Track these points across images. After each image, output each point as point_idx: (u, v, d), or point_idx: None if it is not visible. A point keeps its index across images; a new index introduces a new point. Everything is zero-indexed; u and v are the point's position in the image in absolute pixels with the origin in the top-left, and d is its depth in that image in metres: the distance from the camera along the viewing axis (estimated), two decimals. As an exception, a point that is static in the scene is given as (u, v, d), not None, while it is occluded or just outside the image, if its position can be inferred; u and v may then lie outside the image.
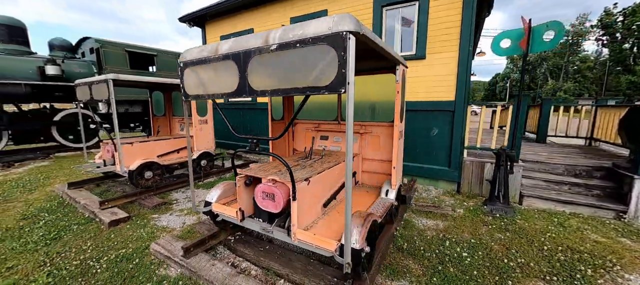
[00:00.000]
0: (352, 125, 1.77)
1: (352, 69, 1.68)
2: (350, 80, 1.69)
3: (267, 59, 1.99)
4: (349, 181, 1.82)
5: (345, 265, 1.88)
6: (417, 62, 5.02)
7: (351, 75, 1.69)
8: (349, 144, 1.77)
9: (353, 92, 1.72)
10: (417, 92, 5.08)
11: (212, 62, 2.34)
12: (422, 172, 5.20)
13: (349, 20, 1.67)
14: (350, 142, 1.77)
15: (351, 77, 1.69)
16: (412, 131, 5.24)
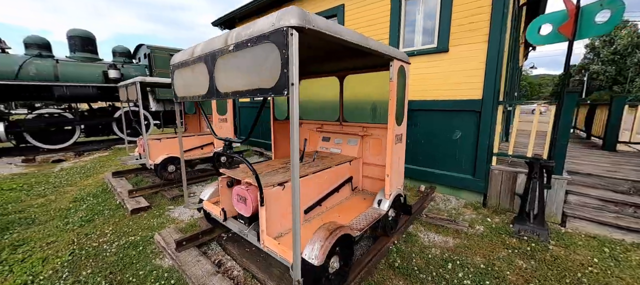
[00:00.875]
0: (297, 131, 1.60)
1: (296, 68, 1.52)
2: (294, 81, 1.53)
3: (228, 60, 1.93)
4: (296, 185, 1.65)
5: (295, 283, 1.73)
6: (438, 56, 4.47)
7: (294, 75, 1.52)
8: (294, 147, 1.61)
9: (297, 95, 1.55)
10: (438, 89, 4.53)
11: (190, 65, 2.39)
12: (443, 179, 4.64)
13: (291, 14, 1.50)
14: (295, 148, 1.61)
15: (294, 78, 1.52)
16: (431, 133, 4.71)
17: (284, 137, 4.28)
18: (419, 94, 4.74)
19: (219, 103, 6.13)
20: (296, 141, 1.60)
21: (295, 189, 1.62)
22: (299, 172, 1.64)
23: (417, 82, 4.74)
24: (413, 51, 4.73)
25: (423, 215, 3.88)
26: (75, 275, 2.77)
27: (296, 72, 1.52)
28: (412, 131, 4.93)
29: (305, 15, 1.56)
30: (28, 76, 8.45)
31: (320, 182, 2.87)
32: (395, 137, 2.84)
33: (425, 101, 4.67)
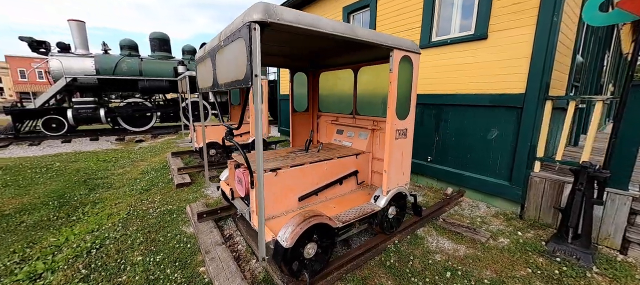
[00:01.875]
0: (261, 124, 1.72)
1: (258, 60, 1.63)
2: (257, 72, 1.65)
3: (222, 55, 2.16)
4: (260, 169, 1.78)
5: (260, 260, 1.88)
6: (474, 44, 3.96)
7: (257, 67, 1.64)
8: (258, 137, 1.73)
9: (260, 86, 1.66)
10: (473, 82, 4.03)
11: (204, 60, 2.72)
12: (473, 183, 4.15)
13: (255, 9, 1.61)
14: (259, 136, 1.73)
15: (257, 69, 1.64)
16: (462, 131, 4.24)
17: (302, 127, 4.45)
18: (451, 87, 4.29)
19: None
20: (260, 131, 1.73)
21: (260, 176, 1.76)
22: (262, 158, 1.77)
23: (449, 74, 4.30)
24: (446, 40, 4.29)
25: (440, 219, 3.58)
26: (125, 229, 3.49)
27: (258, 64, 1.63)
28: (442, 128, 4.51)
29: (270, 9, 1.64)
30: (121, 72, 10.57)
31: (319, 173, 2.94)
32: (397, 131, 2.69)
33: (457, 95, 4.21)
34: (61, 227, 3.64)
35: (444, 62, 4.35)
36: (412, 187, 4.91)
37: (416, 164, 4.96)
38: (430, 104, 4.64)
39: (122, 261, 2.84)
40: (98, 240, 3.22)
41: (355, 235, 3.19)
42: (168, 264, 2.78)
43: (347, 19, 6.22)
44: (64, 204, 4.38)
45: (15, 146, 8.50)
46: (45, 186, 5.13)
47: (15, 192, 4.77)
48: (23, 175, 5.75)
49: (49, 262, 2.84)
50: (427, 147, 4.77)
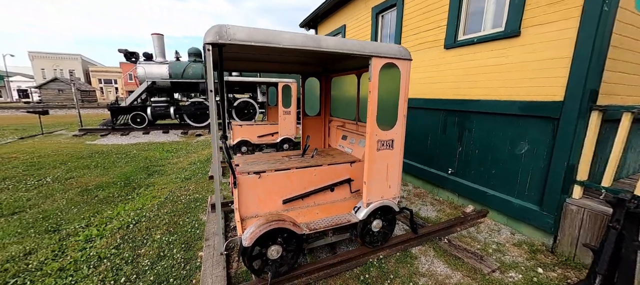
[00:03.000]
0: (216, 133, 1.92)
1: (211, 77, 1.83)
2: (211, 88, 1.85)
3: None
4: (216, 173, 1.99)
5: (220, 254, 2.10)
6: (505, 42, 3.40)
7: (210, 83, 1.84)
8: (214, 142, 1.94)
9: (213, 100, 1.86)
10: (501, 87, 3.47)
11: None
12: (497, 203, 3.59)
13: (209, 32, 1.81)
14: (215, 143, 1.94)
15: (211, 85, 1.84)
16: (487, 143, 3.70)
17: (313, 131, 4.56)
18: (477, 92, 3.78)
19: (285, 96, 7.02)
20: (216, 138, 1.93)
21: (216, 175, 1.97)
22: (218, 162, 1.97)
23: (475, 77, 3.79)
24: (472, 39, 3.79)
25: (444, 239, 3.24)
26: (158, 210, 4.20)
27: (211, 80, 1.83)
28: (466, 138, 4.02)
29: (221, 31, 1.82)
30: (188, 75, 12.41)
31: (306, 178, 3.01)
32: (379, 142, 2.57)
33: (483, 101, 3.69)
34: (119, 203, 4.60)
35: (470, 63, 3.86)
36: (430, 200, 4.51)
37: (436, 176, 4.54)
38: (453, 111, 4.17)
39: (146, 237, 3.47)
40: (137, 217, 3.98)
41: (344, 244, 3.16)
42: (177, 245, 3.28)
43: (375, 19, 6.02)
44: (127, 184, 5.49)
45: (112, 136, 10.91)
46: (120, 169, 6.49)
47: (99, 172, 6.19)
48: (109, 159, 7.39)
49: (101, 229, 3.66)
50: (449, 157, 4.31)
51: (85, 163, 6.85)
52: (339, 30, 7.74)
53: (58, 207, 4.32)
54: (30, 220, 3.88)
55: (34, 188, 5.12)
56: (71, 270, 2.81)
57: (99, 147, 8.84)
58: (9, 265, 2.88)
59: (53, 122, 14.91)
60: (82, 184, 5.40)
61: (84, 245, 3.29)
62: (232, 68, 3.67)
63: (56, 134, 11.24)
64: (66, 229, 3.69)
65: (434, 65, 4.49)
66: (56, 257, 3.06)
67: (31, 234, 3.52)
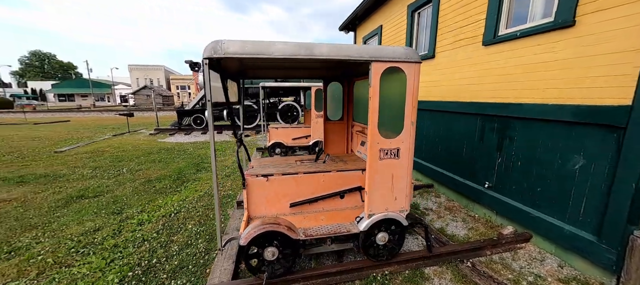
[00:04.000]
0: (213, 138, 2.10)
1: (208, 90, 2.02)
2: (209, 98, 2.04)
3: (221, 79, 2.70)
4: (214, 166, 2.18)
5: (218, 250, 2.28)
6: (555, 35, 2.83)
7: (208, 95, 2.03)
8: (212, 151, 2.13)
9: (210, 111, 2.05)
10: (549, 87, 2.90)
11: (230, 80, 3.39)
12: (543, 227, 2.99)
13: (206, 48, 2.00)
14: (213, 152, 2.12)
15: (209, 97, 2.04)
16: (531, 153, 3.13)
17: (335, 136, 4.54)
18: (519, 94, 3.24)
19: (318, 100, 7.13)
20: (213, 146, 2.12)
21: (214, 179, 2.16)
22: (216, 166, 2.15)
23: (518, 77, 3.25)
24: (515, 33, 3.26)
25: (467, 262, 2.86)
26: (196, 203, 4.76)
27: (209, 93, 2.02)
28: (506, 147, 3.47)
29: (216, 46, 1.98)
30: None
31: (314, 183, 3.03)
32: (382, 151, 2.43)
33: (527, 105, 3.13)
34: (169, 194, 5.36)
35: (512, 61, 3.32)
36: (462, 216, 4.02)
37: (471, 189, 4.03)
38: (492, 116, 3.65)
39: (180, 226, 3.97)
40: (179, 208, 4.58)
41: (352, 254, 3.08)
42: (203, 236, 3.67)
43: (411, 17, 5.67)
44: (179, 178, 6.34)
45: (177, 135, 12.71)
46: (177, 164, 7.54)
47: (161, 166, 7.30)
48: (171, 155, 8.63)
49: (150, 216, 4.33)
50: (487, 169, 3.78)
51: (152, 158, 8.15)
52: (376, 32, 7.51)
53: (125, 194, 5.26)
54: (104, 203, 4.83)
55: (113, 177, 6.33)
56: (121, 247, 3.41)
57: (166, 144, 10.40)
58: (82, 237, 3.65)
59: (138, 122, 18.14)
60: (146, 175, 6.45)
61: (135, 228, 3.94)
62: (254, 76, 3.93)
63: (138, 132, 13.65)
64: (126, 212, 4.47)
65: (471, 65, 4.00)
66: (114, 235, 3.74)
67: (102, 214, 4.38)
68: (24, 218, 4.23)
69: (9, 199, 4.98)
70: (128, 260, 3.13)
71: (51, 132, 13.58)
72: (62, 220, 4.15)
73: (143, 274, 2.90)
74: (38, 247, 3.42)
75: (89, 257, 3.21)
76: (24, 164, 7.42)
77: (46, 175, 6.36)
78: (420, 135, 5.55)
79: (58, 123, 17.81)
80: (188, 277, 2.82)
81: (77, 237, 3.67)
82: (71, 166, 7.16)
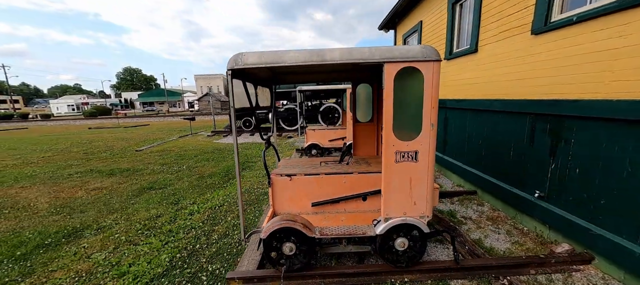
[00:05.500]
0: (236, 142, 2.35)
1: (232, 98, 2.28)
2: (232, 104, 2.31)
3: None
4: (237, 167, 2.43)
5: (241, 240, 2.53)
6: (622, 16, 2.33)
7: (231, 100, 2.29)
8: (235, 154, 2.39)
9: (234, 119, 2.31)
10: (610, 81, 2.40)
11: (261, 86, 3.69)
12: (606, 247, 2.48)
13: (229, 60, 2.25)
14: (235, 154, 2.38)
15: (232, 102, 2.30)
16: (593, 160, 2.63)
17: (365, 138, 4.52)
18: (574, 89, 2.75)
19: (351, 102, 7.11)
20: (236, 147, 2.37)
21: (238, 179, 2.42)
22: (238, 168, 2.40)
23: (576, 69, 2.77)
24: (570, 17, 2.79)
25: (503, 280, 2.56)
26: (229, 203, 5.25)
27: (232, 100, 2.28)
28: (561, 152, 2.98)
29: (237, 59, 2.22)
30: (282, 86, 14.41)
31: (335, 184, 3.09)
32: (398, 153, 2.36)
33: (584, 101, 2.65)
34: (216, 189, 6.02)
35: (567, 51, 2.85)
36: (507, 228, 3.57)
37: (518, 198, 3.56)
38: (544, 115, 3.18)
39: (222, 218, 4.45)
40: (222, 202, 5.13)
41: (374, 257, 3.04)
42: (239, 229, 4.06)
43: (452, 10, 5.26)
44: (226, 175, 7.06)
45: (229, 137, 14.08)
46: (226, 163, 8.38)
47: (213, 164, 8.21)
48: (222, 154, 9.63)
49: (199, 208, 4.96)
50: (537, 176, 3.30)
51: (207, 157, 9.22)
52: (416, 28, 7.15)
53: (182, 187, 6.10)
54: (166, 194, 5.70)
55: (175, 172, 7.39)
56: (174, 233, 4.01)
57: (219, 144, 11.63)
58: (147, 222, 4.39)
59: (199, 125, 20.61)
60: (201, 172, 7.35)
61: (187, 217, 4.57)
62: (285, 82, 4.18)
63: (199, 134, 15.54)
64: (182, 203, 5.20)
65: (518, 57, 3.54)
66: (170, 222, 4.41)
67: (164, 204, 5.18)
68: (109, 203, 5.28)
69: (101, 187, 6.26)
70: (177, 244, 3.66)
71: (135, 134, 16.43)
72: (135, 207, 5.06)
73: (188, 256, 3.37)
74: (116, 227, 4.24)
75: (150, 238, 3.85)
76: (114, 160, 9.18)
77: (128, 169, 7.77)
78: (462, 138, 5.10)
79: (141, 126, 21.42)
80: (222, 263, 3.17)
81: (144, 221, 4.43)
82: (146, 162, 8.59)
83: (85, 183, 6.59)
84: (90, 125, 23.52)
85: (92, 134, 17.17)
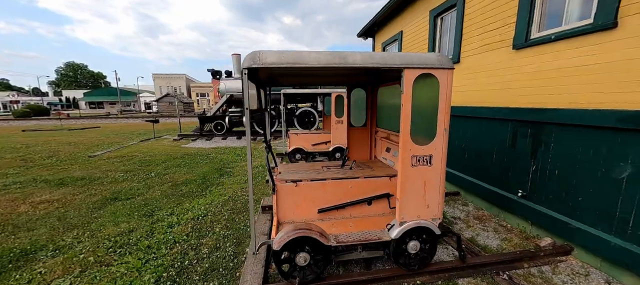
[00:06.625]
0: (250, 146, 2.17)
1: (246, 99, 2.10)
2: (247, 106, 2.13)
3: (253, 87, 2.80)
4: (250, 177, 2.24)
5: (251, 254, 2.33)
6: (595, 37, 2.70)
7: (246, 102, 2.11)
8: (249, 160, 2.20)
9: (248, 120, 2.13)
10: (585, 93, 2.76)
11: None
12: (585, 239, 2.81)
13: (246, 58, 2.09)
14: (249, 160, 2.20)
15: (247, 104, 2.12)
16: (570, 161, 2.98)
17: (358, 142, 4.55)
18: (556, 99, 3.10)
19: (338, 106, 7.17)
20: (249, 153, 2.19)
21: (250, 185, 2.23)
22: (251, 172, 2.22)
23: (553, 82, 3.12)
24: (549, 36, 3.15)
25: (504, 275, 2.74)
26: (221, 208, 4.89)
27: (247, 101, 2.10)
28: (541, 154, 3.32)
29: (255, 57, 2.07)
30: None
31: (341, 190, 3.04)
32: (414, 158, 2.41)
33: (564, 111, 3.00)
34: (195, 198, 5.54)
35: (546, 65, 3.21)
36: (493, 226, 3.86)
37: (502, 197, 3.88)
38: (525, 121, 3.52)
39: (209, 229, 4.09)
40: (205, 211, 4.72)
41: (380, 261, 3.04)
42: (230, 239, 3.76)
43: (433, 22, 5.61)
44: (204, 182, 6.55)
45: (199, 140, 13.17)
46: (201, 168, 7.79)
47: (186, 170, 7.57)
48: (195, 159, 8.94)
49: (179, 219, 4.49)
50: (519, 177, 3.63)
51: (177, 162, 8.48)
52: (396, 37, 7.49)
53: (155, 197, 5.50)
54: (136, 205, 5.07)
55: (143, 180, 6.64)
56: (154, 249, 3.56)
57: (189, 149, 10.80)
58: (118, 238, 3.84)
59: (162, 128, 18.96)
60: (173, 179, 6.72)
61: (166, 230, 4.10)
62: (283, 84, 4.03)
63: (163, 138, 14.27)
64: (157, 215, 4.67)
65: (500, 69, 3.89)
66: (147, 236, 3.91)
67: (135, 216, 4.60)
68: (65, 218, 4.52)
69: (51, 199, 5.35)
70: (162, 262, 3.25)
71: (83, 138, 14.49)
72: (99, 221, 4.40)
73: (177, 275, 3.01)
74: (79, 246, 3.64)
75: (126, 257, 3.37)
76: (63, 167, 7.95)
77: (83, 178, 6.78)
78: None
79: (90, 129, 18.99)
80: (219, 280, 2.89)
81: (114, 237, 3.87)
82: (104, 170, 7.59)
83: (28, 195, 5.58)
84: (25, 127, 20.17)
85: (28, 138, 14.72)
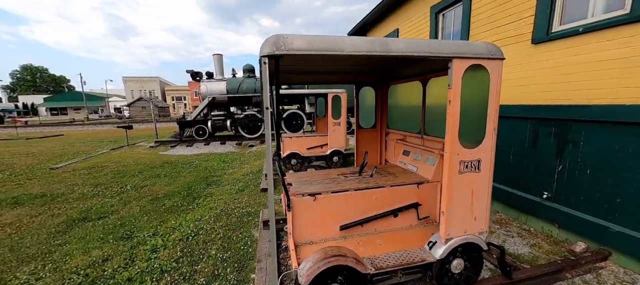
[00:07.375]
0: (270, 147, 1.70)
1: (267, 93, 1.64)
2: (267, 104, 1.66)
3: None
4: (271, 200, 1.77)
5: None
6: (630, 28, 2.54)
7: (266, 99, 1.65)
8: (268, 160, 1.73)
9: (269, 118, 1.66)
10: (621, 87, 2.59)
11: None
12: (627, 244, 2.63)
13: (266, 43, 1.63)
14: (269, 164, 1.73)
15: (267, 101, 1.65)
16: (604, 160, 2.80)
17: (369, 145, 4.17)
18: (585, 95, 2.93)
19: (334, 108, 6.79)
20: (270, 158, 1.72)
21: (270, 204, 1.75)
22: (273, 184, 1.75)
23: (581, 77, 2.95)
24: (576, 28, 2.98)
25: (551, 290, 2.47)
26: (214, 223, 4.29)
27: (267, 96, 1.64)
28: (568, 154, 3.14)
29: (279, 41, 1.62)
30: (242, 90, 13.27)
31: (366, 201, 2.64)
32: (462, 163, 2.06)
33: (596, 107, 2.82)
34: (181, 213, 4.87)
35: (572, 59, 3.03)
36: (516, 230, 3.65)
37: (523, 200, 3.68)
38: (547, 119, 3.34)
39: (202, 251, 3.50)
40: (196, 229, 4.10)
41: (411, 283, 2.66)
42: (230, 264, 3.21)
43: (435, 19, 5.42)
44: (189, 194, 5.85)
45: (179, 147, 12.19)
46: (184, 178, 7.04)
47: (167, 181, 6.79)
48: (176, 168, 8.13)
49: (165, 240, 3.84)
50: (542, 178, 3.44)
51: (156, 172, 7.64)
52: (389, 36, 7.27)
53: (132, 214, 4.76)
54: (110, 226, 4.33)
55: (117, 194, 5.81)
56: (137, 282, 2.93)
57: (169, 157, 9.88)
58: (90, 270, 3.15)
59: (136, 134, 17.51)
60: (153, 192, 5.95)
61: (150, 255, 3.46)
62: (284, 82, 3.57)
63: (138, 145, 13.07)
64: (137, 236, 3.97)
65: (516, 65, 3.71)
66: (127, 265, 3.25)
67: (110, 240, 3.88)
68: (20, 247, 3.71)
69: (2, 223, 4.44)
70: (149, 299, 2.65)
71: (44, 147, 12.91)
72: (64, 249, 3.65)
73: (170, 316, 2.44)
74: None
75: (102, 296, 2.72)
76: (18, 183, 6.83)
77: (43, 195, 5.81)
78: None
79: (52, 137, 17.08)
80: (225, 320, 2.36)
81: (84, 269, 3.17)
82: (69, 184, 6.61)
83: (-29, 220, 4.61)
84: (-31, 137, 17.73)
85: (-27, 149, 12.84)
